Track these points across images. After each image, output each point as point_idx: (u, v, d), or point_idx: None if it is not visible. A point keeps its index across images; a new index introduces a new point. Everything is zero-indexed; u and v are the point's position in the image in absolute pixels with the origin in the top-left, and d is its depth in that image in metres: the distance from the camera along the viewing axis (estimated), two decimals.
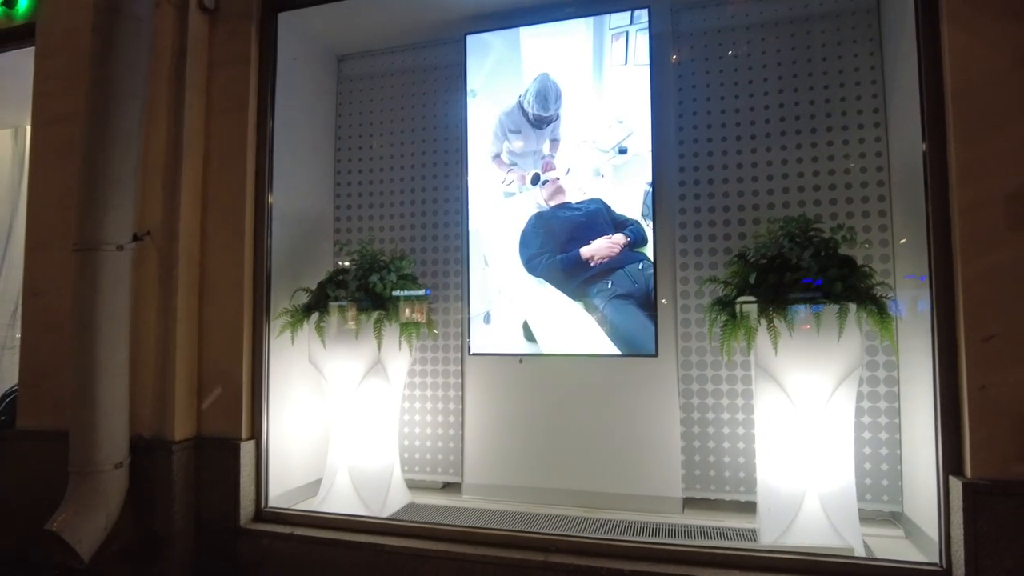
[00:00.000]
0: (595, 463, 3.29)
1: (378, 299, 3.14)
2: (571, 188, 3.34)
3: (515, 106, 3.44)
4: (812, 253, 2.59)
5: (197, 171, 3.24)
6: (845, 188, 3.06)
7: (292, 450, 3.43)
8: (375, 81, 3.91)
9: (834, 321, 2.48)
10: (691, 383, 3.22)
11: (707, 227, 3.24)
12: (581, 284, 3.31)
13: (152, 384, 3.12)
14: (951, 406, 2.31)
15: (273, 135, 3.26)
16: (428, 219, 3.73)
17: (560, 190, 3.35)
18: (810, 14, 3.15)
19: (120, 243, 2.95)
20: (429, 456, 3.65)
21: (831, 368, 2.55)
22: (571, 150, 3.32)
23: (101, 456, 2.89)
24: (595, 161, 3.28)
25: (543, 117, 3.35)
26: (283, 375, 3.34)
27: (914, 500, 2.79)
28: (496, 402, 3.48)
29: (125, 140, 2.97)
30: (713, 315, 2.77)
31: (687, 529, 2.97)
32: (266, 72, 3.27)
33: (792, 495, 2.61)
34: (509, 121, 3.44)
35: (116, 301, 2.95)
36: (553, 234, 3.37)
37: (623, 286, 3.24)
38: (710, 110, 3.27)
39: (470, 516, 3.18)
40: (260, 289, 3.19)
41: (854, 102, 3.06)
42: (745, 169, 3.20)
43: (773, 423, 2.67)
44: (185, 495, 3.09)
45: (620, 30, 3.23)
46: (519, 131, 3.39)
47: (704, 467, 3.20)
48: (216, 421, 3.15)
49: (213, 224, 3.22)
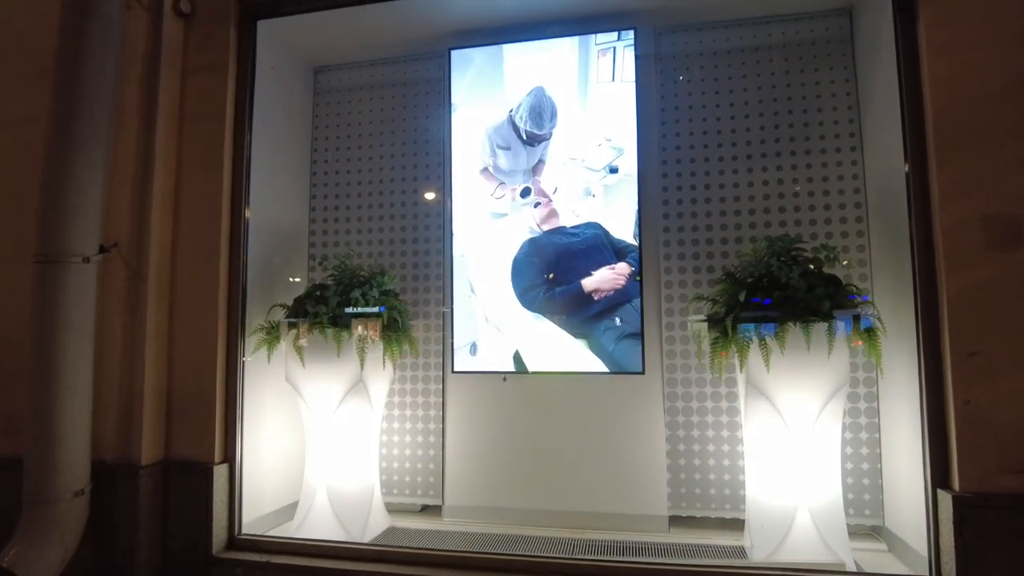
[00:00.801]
0: (580, 482, 3.25)
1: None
2: (564, 211, 3.26)
3: (505, 121, 3.38)
4: (801, 272, 2.65)
5: (169, 181, 3.09)
6: (824, 209, 3.14)
7: (265, 473, 3.27)
8: (353, 94, 3.83)
9: (823, 339, 2.53)
10: (676, 400, 3.23)
11: (691, 245, 3.27)
12: (585, 321, 3.17)
13: (116, 405, 2.94)
14: (937, 421, 2.37)
15: (251, 146, 3.15)
16: (408, 234, 3.66)
17: (554, 213, 3.26)
18: (787, 41, 3.26)
19: (86, 255, 2.79)
20: (408, 478, 3.54)
21: (821, 385, 2.59)
22: (559, 168, 3.30)
23: (60, 483, 2.69)
24: (584, 180, 3.27)
25: (536, 135, 3.32)
26: (255, 394, 3.19)
27: (896, 514, 2.85)
28: (478, 421, 3.40)
29: (91, 145, 2.82)
30: (702, 332, 2.79)
31: (675, 547, 2.95)
32: (244, 80, 3.16)
33: (783, 511, 2.63)
34: (498, 136, 3.39)
35: (80, 316, 2.77)
36: (549, 263, 3.21)
37: (633, 323, 3.11)
38: (692, 131, 3.33)
39: (453, 540, 3.09)
40: (235, 305, 3.06)
41: (831, 126, 3.17)
42: (727, 189, 3.26)
43: (763, 439, 2.69)
44: (151, 523, 2.90)
45: (607, 46, 3.25)
46: (508, 147, 3.35)
47: (690, 485, 3.20)
48: (186, 444, 2.98)
49: (185, 237, 3.08)
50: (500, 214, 3.36)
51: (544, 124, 3.31)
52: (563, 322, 3.21)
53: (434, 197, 3.65)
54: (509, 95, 3.38)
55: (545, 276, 3.22)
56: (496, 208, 3.37)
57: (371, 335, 3.02)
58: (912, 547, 2.66)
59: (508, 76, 3.39)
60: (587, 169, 3.23)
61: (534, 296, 3.26)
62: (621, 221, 3.20)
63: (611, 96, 3.25)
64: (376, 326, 3.01)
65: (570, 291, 3.19)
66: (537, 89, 3.35)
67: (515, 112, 3.36)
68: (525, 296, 3.28)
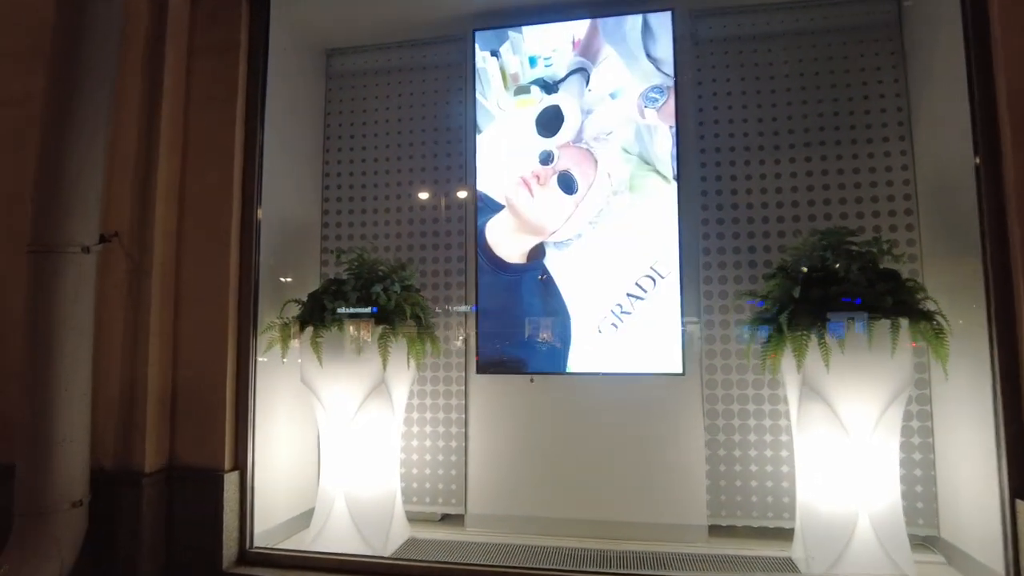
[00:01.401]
0: (612, 490, 3.06)
1: (381, 312, 2.84)
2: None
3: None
4: (860, 266, 2.48)
5: (174, 168, 2.88)
6: (871, 201, 2.99)
7: (276, 480, 3.05)
8: (368, 78, 3.62)
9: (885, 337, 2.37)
10: (716, 403, 3.05)
11: (731, 239, 3.10)
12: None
13: (117, 407, 2.71)
14: (1015, 428, 2.21)
15: (264, 131, 2.94)
16: (428, 227, 3.45)
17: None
18: (830, 27, 3.10)
19: (85, 244, 2.56)
20: (428, 485, 3.33)
21: (883, 387, 2.42)
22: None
23: (56, 493, 2.46)
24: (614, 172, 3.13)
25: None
26: (264, 395, 2.97)
27: (954, 524, 2.69)
28: (504, 425, 3.20)
29: (92, 127, 2.59)
30: (754, 331, 2.62)
31: (717, 559, 2.77)
32: (256, 61, 2.95)
33: (840, 521, 2.46)
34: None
35: (79, 311, 2.54)
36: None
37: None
38: (732, 119, 3.16)
39: (478, 552, 2.89)
40: (247, 301, 2.84)
41: (878, 114, 3.01)
42: (768, 180, 3.10)
43: (818, 444, 2.52)
44: (155, 536, 2.68)
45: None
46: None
47: (730, 492, 3.02)
48: (193, 449, 2.76)
49: (192, 227, 2.86)
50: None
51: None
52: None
53: (456, 188, 3.44)
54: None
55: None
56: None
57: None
58: (976, 559, 2.49)
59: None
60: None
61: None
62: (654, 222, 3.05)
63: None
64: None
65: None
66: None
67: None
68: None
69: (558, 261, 3.16)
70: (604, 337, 3.05)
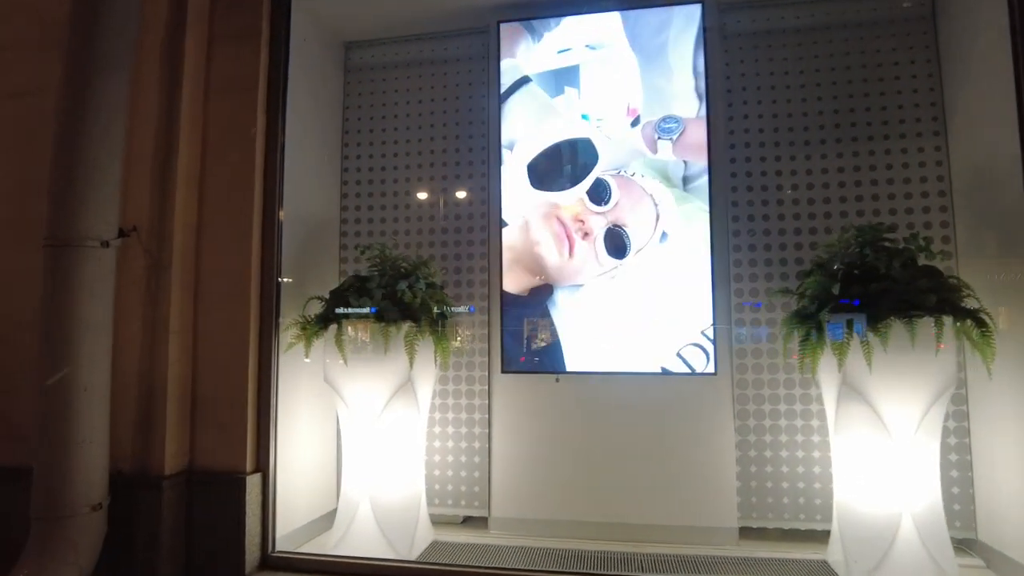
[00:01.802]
0: (640, 492, 2.99)
1: (407, 309, 2.77)
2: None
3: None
4: (901, 263, 2.43)
5: (193, 159, 2.79)
6: (904, 197, 2.94)
7: (296, 482, 2.97)
8: (387, 72, 3.55)
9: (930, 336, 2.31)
10: (747, 403, 3.00)
11: (762, 236, 3.05)
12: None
13: (135, 408, 2.63)
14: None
15: (285, 121, 2.86)
16: (450, 223, 3.38)
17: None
18: (862, 20, 3.06)
19: (104, 238, 2.47)
20: (451, 487, 3.26)
21: (925, 386, 2.37)
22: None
23: (75, 496, 2.37)
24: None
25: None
26: (285, 395, 2.89)
27: (993, 526, 2.65)
28: (528, 426, 3.12)
29: (109, 118, 2.50)
30: (790, 329, 2.56)
31: (751, 562, 2.72)
32: (278, 50, 2.87)
33: (883, 523, 2.40)
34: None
35: (97, 308, 2.45)
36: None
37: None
38: (761, 114, 3.11)
39: (504, 555, 2.82)
40: (269, 297, 2.77)
41: (911, 109, 2.97)
42: (799, 176, 3.05)
43: (859, 445, 2.47)
44: (175, 541, 2.59)
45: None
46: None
47: (760, 494, 2.96)
48: (214, 451, 2.68)
49: (212, 221, 2.78)
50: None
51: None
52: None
53: (477, 184, 3.37)
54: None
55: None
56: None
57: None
58: (1018, 561, 2.45)
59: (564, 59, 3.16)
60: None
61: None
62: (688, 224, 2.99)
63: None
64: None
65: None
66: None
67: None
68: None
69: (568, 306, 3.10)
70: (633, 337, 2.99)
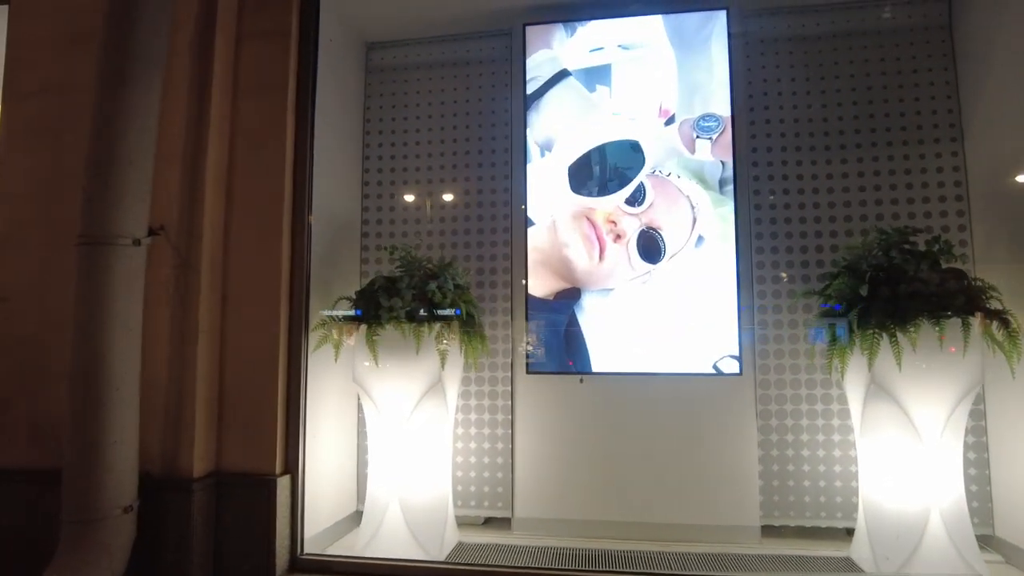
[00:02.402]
0: (663, 492, 3.02)
1: (437, 309, 2.78)
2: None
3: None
4: (929, 264, 2.49)
5: (223, 159, 2.77)
6: (923, 202, 3.01)
7: (322, 483, 2.95)
8: (409, 73, 3.55)
9: (958, 337, 2.37)
10: (769, 403, 3.04)
11: (784, 239, 3.10)
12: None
13: (163, 409, 2.59)
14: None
15: (314, 120, 2.85)
16: (473, 224, 3.39)
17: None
18: (882, 27, 3.13)
19: (136, 236, 2.44)
20: (473, 488, 3.26)
21: (952, 386, 2.43)
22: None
23: (106, 498, 2.33)
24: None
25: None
26: (311, 396, 2.87)
27: (1011, 522, 2.71)
28: (552, 426, 3.14)
29: (144, 113, 2.47)
30: (820, 331, 2.61)
31: (775, 560, 2.76)
32: (307, 49, 2.86)
33: (911, 520, 2.45)
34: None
35: (130, 305, 2.42)
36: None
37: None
38: (783, 118, 3.16)
39: (531, 555, 2.83)
40: (298, 297, 2.75)
41: (929, 116, 3.04)
42: (820, 180, 3.11)
43: (887, 444, 2.52)
44: (205, 544, 2.56)
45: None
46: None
47: (783, 492, 3.01)
48: (243, 453, 2.65)
49: (241, 221, 2.75)
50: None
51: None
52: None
53: (500, 186, 3.38)
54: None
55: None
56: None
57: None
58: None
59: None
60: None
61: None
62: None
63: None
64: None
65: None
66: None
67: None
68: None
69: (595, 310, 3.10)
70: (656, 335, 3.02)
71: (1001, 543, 2.76)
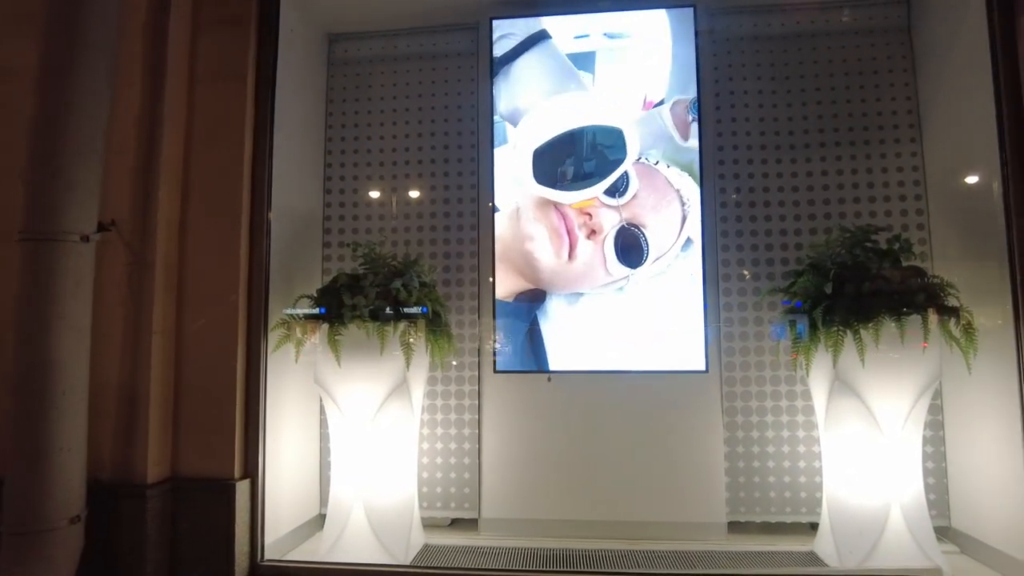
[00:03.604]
0: (631, 490, 3.01)
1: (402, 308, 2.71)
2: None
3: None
4: (891, 262, 2.53)
5: (178, 151, 2.66)
6: (884, 201, 3.06)
7: (283, 488, 2.86)
8: (373, 66, 3.46)
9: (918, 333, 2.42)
10: (735, 400, 3.06)
11: (749, 236, 3.12)
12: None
13: (115, 414, 2.48)
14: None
15: (274, 113, 2.76)
16: (439, 221, 3.33)
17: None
18: (844, 29, 3.17)
19: (85, 232, 2.33)
20: (440, 489, 3.21)
21: (913, 381, 2.48)
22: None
23: (52, 509, 2.22)
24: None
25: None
26: (273, 397, 2.79)
27: (966, 514, 2.78)
28: (519, 425, 3.11)
29: (93, 102, 2.36)
30: (785, 328, 2.63)
31: (741, 556, 2.77)
32: (267, 39, 2.77)
33: (873, 514, 2.49)
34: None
35: (77, 306, 2.30)
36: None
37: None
38: (748, 117, 3.18)
39: (498, 557, 2.79)
40: (258, 295, 2.67)
41: (890, 116, 3.10)
42: (785, 179, 3.13)
43: (850, 439, 2.55)
44: (159, 553, 2.46)
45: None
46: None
47: (749, 489, 3.03)
48: (201, 457, 2.55)
49: (198, 216, 2.66)
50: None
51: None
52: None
53: (467, 182, 3.33)
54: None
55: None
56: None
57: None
58: (992, 546, 2.59)
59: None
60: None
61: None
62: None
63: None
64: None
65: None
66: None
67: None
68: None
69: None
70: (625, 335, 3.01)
71: (957, 534, 2.83)
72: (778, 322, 2.71)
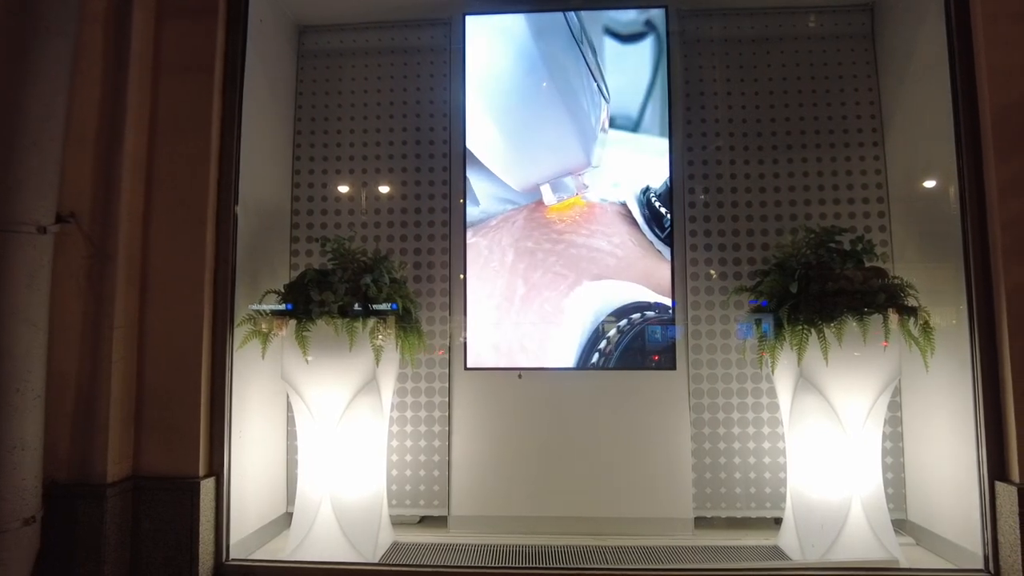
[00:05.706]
0: (599, 486, 3.04)
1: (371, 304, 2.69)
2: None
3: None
4: (854, 263, 2.60)
5: (141, 142, 2.59)
6: (848, 203, 3.14)
7: (248, 486, 2.82)
8: (344, 59, 3.41)
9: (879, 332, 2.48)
10: (702, 397, 3.11)
11: (716, 236, 3.17)
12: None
13: (72, 411, 2.41)
14: (994, 415, 2.38)
15: (242, 105, 2.70)
16: (410, 217, 3.30)
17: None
18: (810, 33, 3.24)
19: (42, 223, 2.25)
20: (409, 487, 3.19)
21: (874, 378, 2.54)
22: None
23: (5, 510, 2.16)
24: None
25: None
26: (239, 394, 2.74)
27: (924, 507, 2.87)
28: (489, 423, 3.11)
29: (51, 90, 2.28)
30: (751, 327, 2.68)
31: (707, 550, 2.82)
32: (236, 28, 2.71)
33: (834, 508, 2.56)
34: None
35: (33, 300, 2.23)
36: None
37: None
38: (718, 119, 3.23)
39: (468, 554, 2.78)
40: (223, 290, 2.61)
41: (854, 120, 3.17)
42: (752, 180, 3.19)
43: (813, 435, 2.61)
44: (119, 554, 2.40)
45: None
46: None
47: (715, 484, 3.08)
48: (164, 455, 2.50)
49: (162, 208, 2.59)
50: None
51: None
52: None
53: (439, 178, 3.31)
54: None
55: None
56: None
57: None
58: (947, 539, 2.67)
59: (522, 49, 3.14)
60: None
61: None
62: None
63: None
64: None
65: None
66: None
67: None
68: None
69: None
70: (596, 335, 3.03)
71: (912, 526, 2.92)
72: (745, 321, 2.75)
